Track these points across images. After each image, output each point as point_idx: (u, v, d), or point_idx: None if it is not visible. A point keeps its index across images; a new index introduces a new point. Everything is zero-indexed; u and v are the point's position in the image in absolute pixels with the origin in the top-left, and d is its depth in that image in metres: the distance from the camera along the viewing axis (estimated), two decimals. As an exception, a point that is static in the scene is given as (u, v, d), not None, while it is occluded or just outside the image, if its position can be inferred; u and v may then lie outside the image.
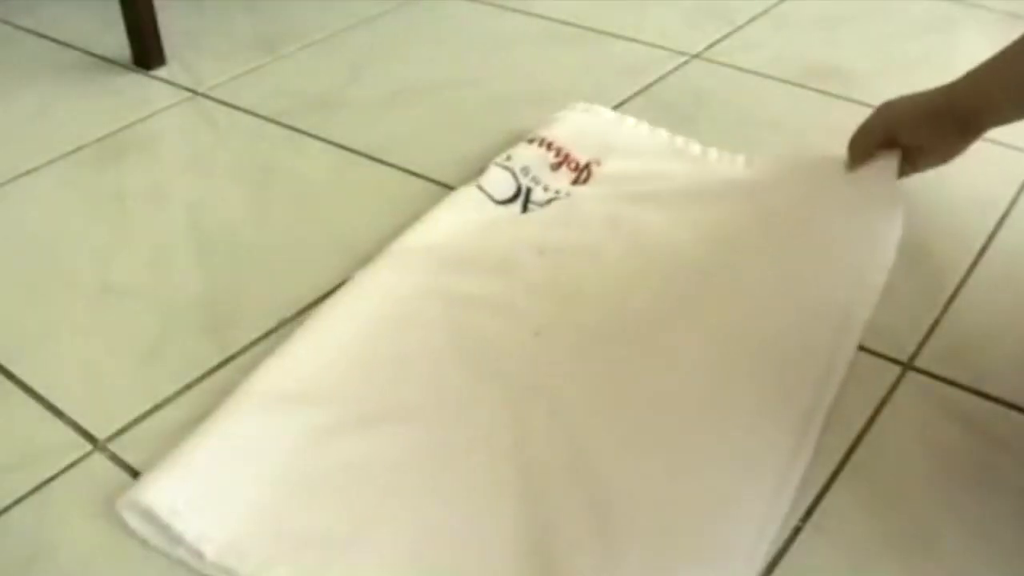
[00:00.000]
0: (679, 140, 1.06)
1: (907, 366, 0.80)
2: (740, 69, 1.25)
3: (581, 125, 1.06)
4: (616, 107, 1.16)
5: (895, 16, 1.38)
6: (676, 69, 1.25)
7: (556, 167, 1.00)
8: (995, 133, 0.98)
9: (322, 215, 0.96)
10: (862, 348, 0.81)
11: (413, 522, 0.66)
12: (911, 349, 0.81)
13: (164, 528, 0.64)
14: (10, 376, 0.80)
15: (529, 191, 0.97)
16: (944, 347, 0.81)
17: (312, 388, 0.75)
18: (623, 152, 1.03)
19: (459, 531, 0.66)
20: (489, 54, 1.30)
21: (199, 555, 0.63)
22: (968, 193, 0.99)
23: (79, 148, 1.11)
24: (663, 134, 1.06)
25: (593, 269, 0.89)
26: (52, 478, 0.71)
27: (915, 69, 1.22)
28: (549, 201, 0.96)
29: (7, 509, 0.69)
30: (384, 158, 1.05)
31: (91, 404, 0.77)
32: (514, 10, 1.41)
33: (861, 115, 0.97)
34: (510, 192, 0.96)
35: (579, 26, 1.36)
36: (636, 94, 1.19)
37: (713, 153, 1.03)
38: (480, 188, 0.96)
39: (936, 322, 0.84)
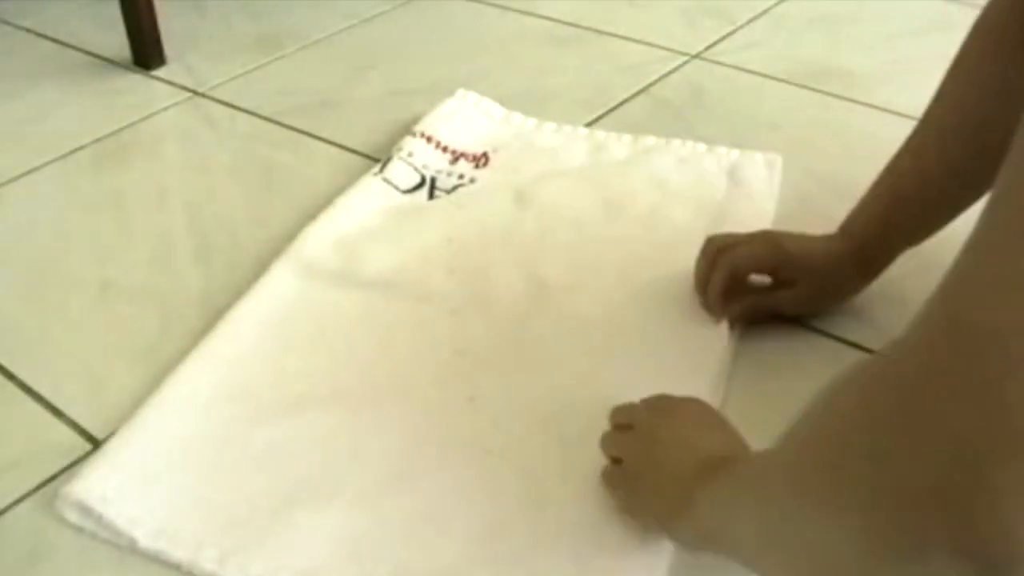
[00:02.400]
0: (567, 128, 1.10)
1: (907, 366, 0.80)
2: (740, 69, 1.25)
3: (473, 126, 1.09)
4: (616, 107, 1.16)
5: (895, 16, 1.38)
6: (676, 69, 1.25)
7: (454, 162, 1.03)
8: (995, 133, 0.98)
9: (321, 215, 0.96)
10: (862, 348, 0.81)
11: (337, 498, 0.68)
12: (911, 349, 0.81)
13: (98, 518, 0.66)
14: (10, 376, 0.80)
15: (434, 179, 1.00)
16: (944, 347, 0.81)
17: (233, 381, 0.77)
18: (517, 142, 1.07)
19: (381, 506, 0.67)
20: (489, 54, 1.30)
21: (132, 541, 0.65)
22: (968, 193, 0.99)
23: (79, 148, 1.11)
24: (551, 126, 1.10)
25: (504, 247, 0.91)
26: (52, 478, 0.71)
27: (915, 69, 1.22)
28: (455, 187, 0.99)
29: (7, 509, 0.69)
30: (383, 158, 1.05)
31: (91, 404, 0.77)
32: (514, 10, 1.41)
33: (861, 115, 0.98)
34: (414, 181, 0.99)
35: (579, 26, 1.36)
36: (636, 94, 1.19)
37: (600, 134, 1.08)
38: (385, 180, 0.99)
39: (936, 322, 0.84)
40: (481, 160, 1.03)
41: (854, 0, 1.41)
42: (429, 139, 1.05)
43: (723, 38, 1.32)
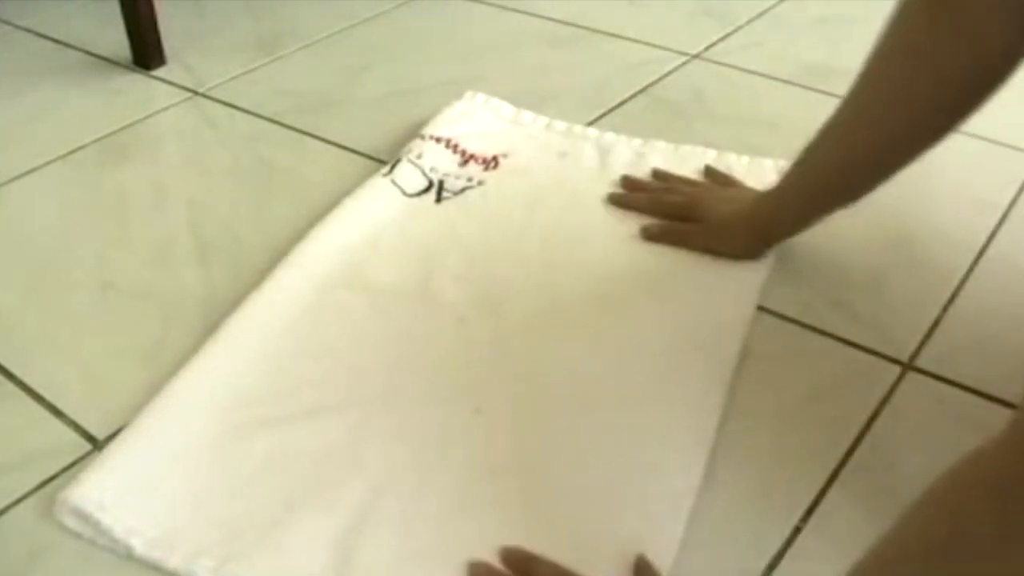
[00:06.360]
0: (577, 129, 1.09)
1: (907, 366, 0.80)
2: (740, 69, 1.25)
3: (483, 126, 1.09)
4: (616, 107, 1.16)
5: (895, 16, 1.38)
6: (676, 69, 1.25)
7: (464, 164, 1.02)
8: (995, 133, 0.98)
9: (322, 215, 0.96)
10: (862, 348, 0.81)
11: (336, 508, 0.67)
12: (911, 349, 0.81)
13: (95, 524, 0.66)
14: (10, 376, 0.80)
15: (442, 183, 0.99)
16: (944, 347, 0.81)
17: (233, 388, 0.76)
18: (527, 145, 1.07)
19: (381, 517, 0.67)
20: (489, 54, 1.30)
21: (129, 548, 0.65)
22: (968, 193, 0.99)
23: (79, 148, 1.11)
24: (560, 126, 1.09)
25: (512, 253, 0.91)
26: (52, 478, 0.71)
27: (915, 69, 1.22)
28: (463, 189, 0.99)
29: (7, 509, 0.69)
30: (384, 158, 1.05)
31: (91, 404, 0.77)
32: (514, 10, 1.41)
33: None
34: (421, 185, 0.98)
35: (579, 26, 1.36)
36: (636, 94, 1.19)
37: (610, 137, 1.07)
38: (393, 182, 0.98)
39: (936, 322, 0.84)
40: (491, 163, 1.03)
41: (854, 0, 1.41)
42: (438, 140, 1.05)
43: (723, 38, 1.32)
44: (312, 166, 1.07)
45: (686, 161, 1.03)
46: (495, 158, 1.03)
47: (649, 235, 0.92)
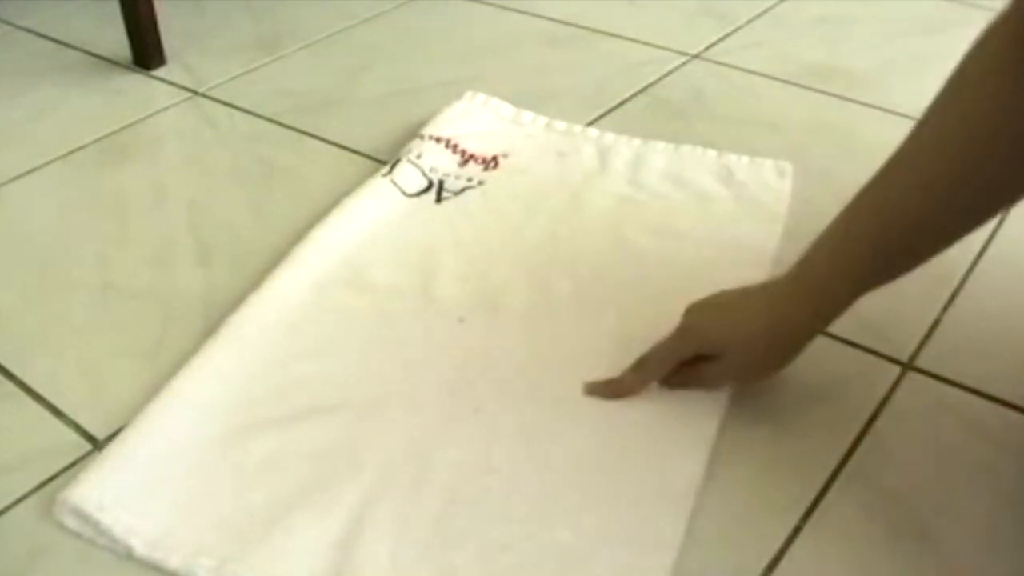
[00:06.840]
0: (577, 129, 1.09)
1: (907, 366, 0.80)
2: (740, 69, 1.25)
3: (483, 126, 1.09)
4: (616, 107, 1.16)
5: (895, 16, 1.38)
6: (676, 69, 1.25)
7: (463, 164, 1.02)
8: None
9: (322, 215, 0.96)
10: (862, 348, 0.81)
11: (336, 508, 0.67)
12: (911, 349, 0.81)
13: (95, 524, 0.66)
14: (10, 376, 0.80)
15: (442, 183, 0.99)
16: (944, 347, 0.81)
17: (234, 388, 0.76)
18: (526, 145, 1.07)
19: (381, 517, 0.67)
20: (489, 54, 1.30)
21: (129, 549, 0.64)
22: (968, 193, 0.99)
23: (79, 148, 1.11)
24: (560, 125, 1.10)
25: (512, 254, 0.91)
26: (52, 478, 0.71)
27: (915, 69, 1.22)
28: (463, 189, 0.99)
29: (7, 509, 0.69)
30: (384, 158, 1.05)
31: (91, 404, 0.77)
32: (514, 10, 1.41)
33: (860, 115, 0.97)
34: (421, 185, 0.99)
35: (579, 26, 1.36)
36: (636, 94, 1.19)
37: (610, 137, 1.07)
38: (393, 182, 0.98)
39: (936, 322, 0.84)
40: (491, 163, 1.03)
41: (854, 0, 1.41)
42: (438, 140, 1.05)
43: (723, 38, 1.32)
44: (312, 166, 1.07)
45: (686, 161, 1.03)
46: (495, 158, 1.03)
47: (672, 385, 0.76)
